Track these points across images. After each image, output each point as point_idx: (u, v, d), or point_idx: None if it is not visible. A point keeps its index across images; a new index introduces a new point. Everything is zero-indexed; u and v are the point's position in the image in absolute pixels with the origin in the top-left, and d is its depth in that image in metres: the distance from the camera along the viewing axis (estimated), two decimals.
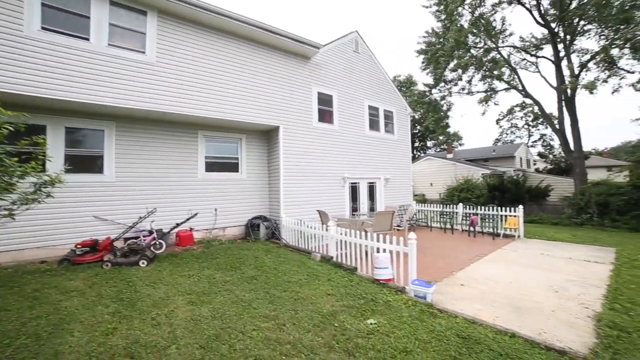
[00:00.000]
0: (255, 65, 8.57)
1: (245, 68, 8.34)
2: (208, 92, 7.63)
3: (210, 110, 7.63)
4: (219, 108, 7.79)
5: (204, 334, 3.29)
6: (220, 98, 7.83)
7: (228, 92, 7.98)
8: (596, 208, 12.89)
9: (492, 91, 18.18)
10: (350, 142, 10.90)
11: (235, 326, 3.47)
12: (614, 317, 3.91)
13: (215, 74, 7.79)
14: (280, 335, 3.29)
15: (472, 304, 4.40)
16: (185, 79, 7.29)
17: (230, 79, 8.05)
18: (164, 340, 3.16)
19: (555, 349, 3.13)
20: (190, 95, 7.33)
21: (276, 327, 3.49)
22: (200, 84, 7.51)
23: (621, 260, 6.89)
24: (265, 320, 3.65)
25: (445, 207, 11.60)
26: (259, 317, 3.71)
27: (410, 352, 3.00)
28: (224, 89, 7.92)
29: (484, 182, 17.34)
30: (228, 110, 7.96)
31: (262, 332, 3.35)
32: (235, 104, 8.09)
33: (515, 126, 34.78)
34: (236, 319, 3.65)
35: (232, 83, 8.07)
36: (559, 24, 15.41)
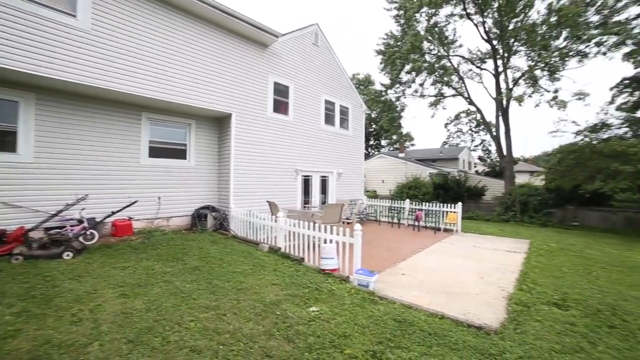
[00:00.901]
0: (209, 47, 8.10)
1: (198, 49, 7.85)
2: (154, 71, 7.03)
3: (155, 91, 7.04)
4: (166, 90, 7.23)
5: (134, 327, 3.06)
6: (168, 79, 7.27)
7: (177, 74, 7.44)
8: (519, 206, 14.61)
9: (441, 96, 19.54)
10: (304, 134, 10.89)
11: (171, 318, 3.28)
12: (521, 295, 4.50)
13: (164, 53, 7.20)
14: (219, 325, 3.19)
15: (410, 291, 4.70)
16: (127, 53, 6.62)
17: (181, 59, 7.51)
18: (84, 337, 2.86)
19: (475, 326, 3.49)
20: (132, 72, 6.68)
21: (216, 317, 3.38)
22: (145, 61, 6.89)
23: (531, 250, 7.93)
24: (205, 310, 3.51)
25: (394, 203, 12.23)
26: (198, 308, 3.56)
27: (348, 337, 3.11)
28: (173, 69, 7.37)
29: (430, 181, 18.65)
30: (176, 93, 7.43)
31: (200, 323, 3.22)
32: (185, 86, 7.58)
33: (461, 131, 37.62)
34: (173, 311, 3.45)
35: (183, 64, 7.55)
36: (500, 42, 17.01)
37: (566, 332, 3.43)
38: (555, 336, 3.34)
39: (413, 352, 2.89)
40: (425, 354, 2.88)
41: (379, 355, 2.80)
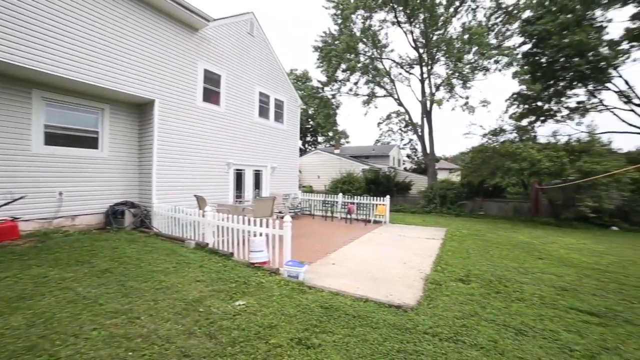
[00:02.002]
0: (131, 24, 7.18)
1: (114, 23, 6.87)
2: (48, 40, 5.88)
3: (48, 65, 5.88)
4: (65, 65, 6.14)
5: (4, 350, 2.51)
6: (69, 52, 6.19)
7: (83, 47, 6.39)
8: (439, 199, 16.41)
9: (373, 95, 20.74)
10: (237, 127, 10.47)
11: (65, 330, 2.82)
12: (435, 275, 5.05)
13: (65, 19, 6.09)
14: (130, 330, 2.86)
15: (339, 279, 4.87)
16: (12, 10, 5.44)
17: (89, 31, 6.47)
18: None
19: (395, 306, 3.78)
20: (11, 36, 5.49)
21: (127, 321, 3.02)
22: (34, 25, 5.71)
23: (447, 237, 8.97)
24: (114, 315, 3.11)
25: (327, 197, 12.59)
26: (104, 314, 3.13)
27: (275, 327, 3.08)
28: (78, 41, 6.30)
29: (363, 176, 19.70)
30: (84, 71, 6.39)
31: (105, 330, 2.83)
32: (94, 64, 6.57)
33: (392, 130, 40.74)
34: (69, 321, 2.97)
35: (92, 37, 6.51)
36: (425, 51, 18.73)
37: (466, 302, 3.96)
38: (459, 306, 3.82)
39: (337, 334, 3.00)
40: (349, 335, 3.01)
41: (304, 342, 2.83)
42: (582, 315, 3.72)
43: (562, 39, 15.34)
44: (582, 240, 9.54)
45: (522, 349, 2.87)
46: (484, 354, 2.78)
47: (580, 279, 5.31)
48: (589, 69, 16.21)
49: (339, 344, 2.83)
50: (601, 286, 4.94)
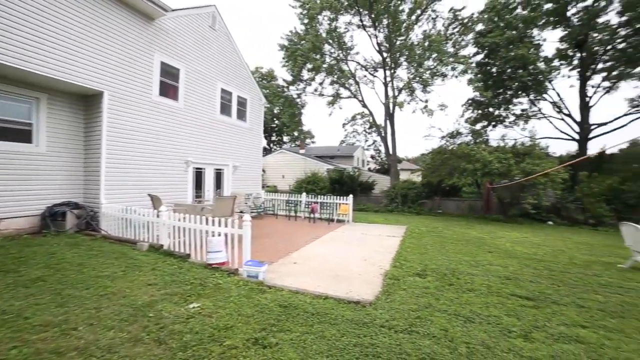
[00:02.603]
0: (74, 6, 6.52)
1: (56, 5, 6.20)
2: None
3: None
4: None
5: None
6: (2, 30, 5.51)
7: (16, 26, 5.70)
8: (401, 198, 17.05)
9: (338, 96, 21.00)
10: (197, 123, 10.03)
11: None
12: (394, 271, 5.21)
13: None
14: (63, 343, 2.57)
15: (300, 278, 4.84)
16: None
17: (25, 10, 5.78)
18: None
19: (354, 301, 3.83)
20: None
21: (60, 334, 2.72)
22: None
23: (407, 234, 9.34)
24: (43, 329, 2.78)
25: (291, 197, 12.53)
26: (30, 329, 2.78)
27: (230, 328, 2.97)
28: (8, 18, 5.61)
29: (327, 176, 19.88)
30: (9, 52, 5.68)
31: (29, 347, 2.50)
32: (28, 46, 5.89)
33: (356, 131, 41.44)
34: None
35: (29, 17, 5.82)
36: (389, 55, 19.36)
37: (422, 295, 4.13)
38: (415, 299, 3.98)
39: (295, 332, 2.97)
40: (307, 332, 2.99)
41: (260, 341, 2.76)
42: (521, 300, 4.06)
43: (508, 52, 16.75)
44: (525, 234, 10.46)
45: (469, 335, 3.05)
46: (435, 342, 2.90)
47: (521, 268, 5.80)
48: (530, 80, 17.86)
49: (297, 341, 2.80)
50: (537, 274, 5.45)
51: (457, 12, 18.50)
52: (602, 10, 15.81)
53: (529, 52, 16.73)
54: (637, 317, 3.73)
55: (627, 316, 3.76)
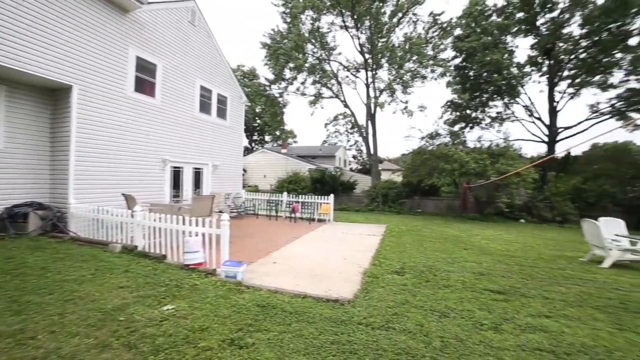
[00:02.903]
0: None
1: None
2: None
3: None
4: None
5: None
6: None
7: None
8: (381, 198, 17.31)
9: (320, 96, 21.05)
10: (175, 121, 9.74)
11: None
12: (373, 269, 5.27)
13: None
14: (17, 355, 2.39)
15: (280, 277, 4.81)
16: None
17: None
18: None
19: (333, 300, 3.85)
20: None
21: (15, 344, 2.52)
22: None
23: (386, 233, 9.50)
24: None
25: (272, 196, 12.44)
26: None
27: (206, 329, 2.90)
28: None
29: (309, 176, 19.87)
30: None
31: None
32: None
33: (338, 131, 41.76)
34: None
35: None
36: (371, 56, 19.60)
37: (400, 292, 4.20)
38: (392, 296, 4.04)
39: (273, 332, 2.94)
40: (284, 331, 2.97)
41: (237, 342, 2.71)
42: (493, 295, 4.22)
43: (484, 57, 17.37)
44: (499, 232, 10.89)
45: (443, 329, 3.13)
46: (411, 337, 2.96)
47: (494, 264, 6.03)
48: (504, 84, 18.62)
49: (274, 341, 2.77)
50: (508, 269, 5.68)
51: (437, 17, 18.99)
52: (566, 22, 16.78)
53: (503, 58, 17.44)
54: (591, 306, 3.99)
55: (584, 305, 4.02)
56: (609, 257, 6.28)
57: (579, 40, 16.90)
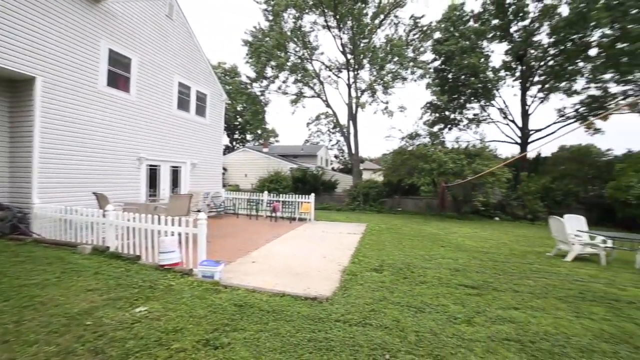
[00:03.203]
0: None
1: None
2: None
3: None
4: None
5: None
6: None
7: None
8: (362, 197, 17.49)
9: (301, 95, 21.00)
10: (151, 118, 9.41)
11: None
12: (352, 267, 5.32)
13: None
14: None
15: (258, 276, 4.75)
16: None
17: None
18: None
19: (311, 298, 3.84)
20: None
21: None
22: None
23: (366, 231, 9.61)
24: None
25: (252, 195, 12.29)
26: None
27: (180, 331, 2.82)
28: None
29: (290, 175, 19.78)
30: None
31: None
32: None
33: (320, 131, 41.84)
34: None
35: None
36: (352, 56, 19.75)
37: (378, 289, 4.26)
38: (370, 293, 4.09)
39: (249, 331, 2.90)
40: (261, 330, 2.94)
41: (212, 342, 2.66)
42: (467, 290, 4.37)
43: (462, 61, 17.94)
44: (475, 229, 11.28)
45: (419, 324, 3.20)
46: (387, 332, 3.01)
47: (469, 260, 6.24)
48: (480, 88, 19.31)
49: (250, 340, 2.74)
50: (482, 265, 5.90)
51: (417, 20, 19.41)
52: (536, 30, 17.67)
53: (480, 62, 18.09)
54: (555, 296, 4.24)
55: (548, 296, 4.25)
56: (572, 251, 6.66)
57: (548, 49, 17.87)
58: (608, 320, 3.54)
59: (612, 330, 3.26)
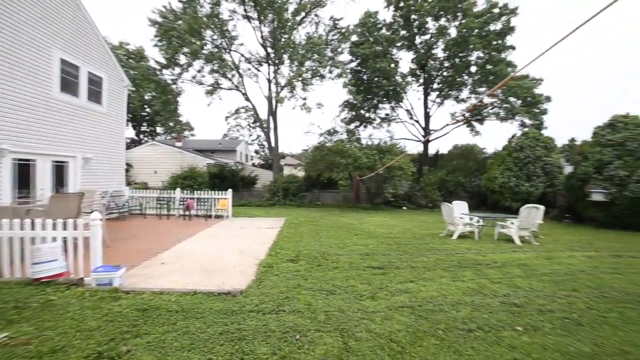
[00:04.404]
0: None
1: None
2: None
3: None
4: None
5: None
6: None
7: None
8: (282, 192, 17.65)
9: (218, 87, 19.84)
10: (19, 100, 7.60)
11: None
12: (268, 260, 5.38)
13: None
14: None
15: (168, 278, 4.40)
16: None
17: None
18: None
19: (224, 293, 3.76)
20: None
21: None
22: None
23: (285, 225, 9.77)
24: None
25: (162, 193, 11.20)
26: None
27: (62, 349, 2.45)
28: None
29: (207, 171, 18.62)
30: None
31: None
32: None
33: (240, 125, 40.38)
34: None
35: None
36: (273, 51, 19.51)
37: (293, 277, 4.42)
38: (285, 282, 4.22)
39: (154, 334, 2.71)
40: (168, 331, 2.78)
41: (106, 354, 2.40)
42: (374, 270, 4.89)
43: (375, 64, 19.55)
44: (385, 218, 12.54)
45: (329, 305, 3.46)
46: (299, 316, 3.16)
47: (378, 245, 6.95)
48: (391, 90, 21.39)
49: (154, 343, 2.55)
50: (388, 248, 6.65)
51: (337, 21, 20.26)
52: (434, 44, 20.44)
53: (390, 66, 19.99)
54: (441, 268, 5.13)
55: (437, 268, 5.10)
56: (457, 231, 8.04)
57: (443, 62, 20.94)
58: (472, 280, 4.46)
59: (474, 286, 4.14)
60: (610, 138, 11.22)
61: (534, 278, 4.68)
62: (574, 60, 72.70)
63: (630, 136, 10.76)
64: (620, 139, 10.94)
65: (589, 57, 77.16)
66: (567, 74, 62.83)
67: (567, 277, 4.76)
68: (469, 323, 3.08)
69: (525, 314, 3.35)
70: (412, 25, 20.55)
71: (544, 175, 14.15)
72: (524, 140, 14.88)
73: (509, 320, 3.18)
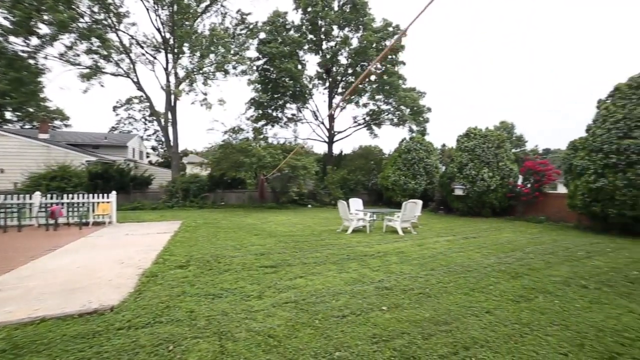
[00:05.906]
0: None
1: None
2: None
3: None
4: None
5: None
6: None
7: None
8: (181, 193, 16.21)
9: (98, 70, 16.75)
10: None
11: None
12: (154, 268, 4.91)
13: None
14: None
15: (6, 307, 3.53)
16: None
17: None
18: None
19: (89, 313, 3.26)
20: None
21: None
22: None
23: (181, 228, 9.08)
24: None
25: (9, 199, 8.87)
26: None
27: None
28: None
29: (86, 170, 15.57)
30: None
31: None
32: None
33: (133, 117, 35.27)
34: None
35: None
36: (171, 37, 17.55)
37: (178, 285, 4.15)
38: (169, 290, 3.93)
39: None
40: None
41: None
42: (266, 269, 4.97)
43: (282, 65, 19.73)
44: (289, 217, 12.82)
45: (212, 309, 3.37)
46: (177, 325, 2.99)
47: (276, 244, 7.07)
48: (297, 91, 21.96)
49: None
50: (285, 246, 6.85)
51: (245, 16, 19.51)
52: (339, 51, 21.93)
53: (297, 68, 20.50)
54: (331, 262, 5.55)
55: (327, 262, 5.52)
56: (351, 226, 8.85)
57: (347, 68, 22.61)
58: (356, 270, 5.00)
59: (355, 276, 4.65)
60: (466, 145, 14.12)
61: (406, 263, 5.52)
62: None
63: (478, 144, 13.78)
64: (472, 146, 13.88)
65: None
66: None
67: (429, 260, 5.79)
68: (344, 310, 3.44)
69: (392, 295, 3.94)
70: (320, 30, 21.56)
71: (425, 174, 16.84)
72: (410, 144, 17.36)
73: (378, 302, 3.68)
